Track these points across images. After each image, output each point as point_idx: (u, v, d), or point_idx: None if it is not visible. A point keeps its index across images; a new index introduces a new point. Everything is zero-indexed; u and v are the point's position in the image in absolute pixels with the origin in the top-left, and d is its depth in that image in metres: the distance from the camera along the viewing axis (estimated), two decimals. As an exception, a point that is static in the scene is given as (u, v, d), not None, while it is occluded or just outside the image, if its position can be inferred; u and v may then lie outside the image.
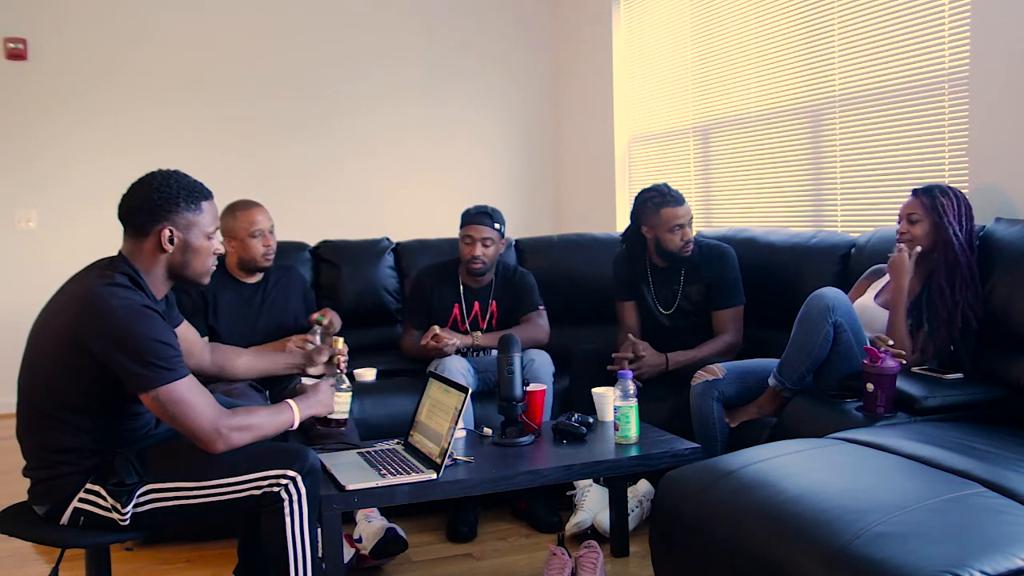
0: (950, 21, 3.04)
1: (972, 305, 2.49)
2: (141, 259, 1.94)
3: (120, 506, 1.85)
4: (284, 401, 2.07)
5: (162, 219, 1.92)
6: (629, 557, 2.64)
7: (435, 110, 5.58)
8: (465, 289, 3.22)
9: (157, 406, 1.83)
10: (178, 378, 1.83)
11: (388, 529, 2.58)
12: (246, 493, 1.90)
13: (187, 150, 5.02)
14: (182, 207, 1.93)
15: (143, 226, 1.92)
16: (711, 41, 4.39)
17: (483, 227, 3.11)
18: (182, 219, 1.93)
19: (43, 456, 1.91)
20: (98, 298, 1.82)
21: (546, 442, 2.45)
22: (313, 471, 1.95)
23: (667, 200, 3.10)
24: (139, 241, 1.94)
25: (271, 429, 1.99)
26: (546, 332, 3.19)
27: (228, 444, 1.88)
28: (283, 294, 3.03)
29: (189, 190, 1.95)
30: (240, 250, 2.90)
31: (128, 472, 1.86)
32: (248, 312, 2.93)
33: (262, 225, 2.89)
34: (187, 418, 1.84)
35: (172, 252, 1.94)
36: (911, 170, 3.24)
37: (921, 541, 1.49)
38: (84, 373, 1.83)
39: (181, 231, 1.93)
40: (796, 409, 2.52)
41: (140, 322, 1.81)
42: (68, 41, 4.85)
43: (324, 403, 2.17)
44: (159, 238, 1.92)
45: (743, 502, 1.79)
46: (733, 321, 3.15)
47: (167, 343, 1.84)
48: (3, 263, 4.83)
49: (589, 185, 5.51)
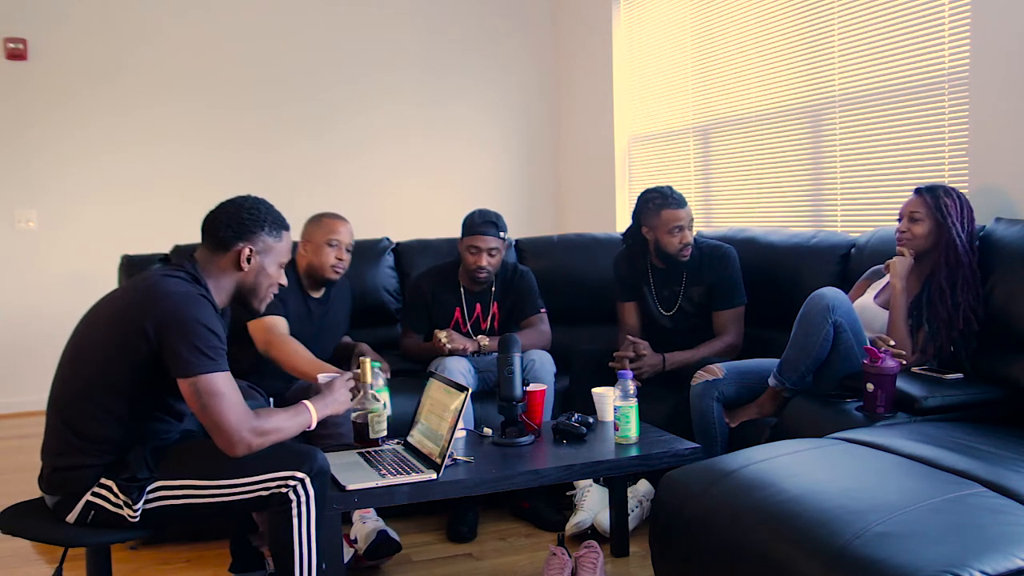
0: (950, 21, 3.04)
1: (973, 307, 2.48)
2: (212, 269, 2.01)
3: (131, 502, 1.86)
4: (300, 403, 2.08)
5: (246, 238, 2.00)
6: (629, 557, 2.64)
7: (435, 110, 5.58)
8: (466, 292, 3.19)
9: (193, 393, 1.84)
10: (219, 370, 1.86)
11: (379, 532, 2.57)
12: (255, 494, 1.90)
13: (187, 150, 5.02)
14: (266, 231, 2.03)
15: (226, 240, 2.00)
16: (711, 41, 4.39)
17: (489, 237, 3.05)
18: (263, 242, 2.03)
19: (69, 442, 1.91)
20: (157, 283, 1.89)
21: (546, 442, 2.45)
22: (322, 473, 1.95)
23: (668, 202, 3.09)
24: (217, 254, 2.01)
25: (292, 431, 2.00)
26: (549, 338, 3.18)
27: (247, 448, 1.88)
28: (337, 310, 3.07)
29: (275, 218, 2.07)
30: (312, 255, 2.90)
31: (140, 468, 1.88)
32: (310, 326, 2.92)
33: (341, 237, 2.90)
34: (218, 411, 1.84)
35: (247, 272, 2.02)
36: (911, 170, 3.24)
37: (921, 541, 1.49)
38: (131, 353, 1.86)
39: (260, 253, 2.02)
40: (796, 409, 2.52)
41: (194, 307, 1.87)
42: (68, 41, 4.85)
43: (340, 402, 2.19)
44: (238, 256, 2.00)
45: (743, 502, 1.79)
46: (734, 322, 3.15)
47: (215, 332, 1.88)
48: (3, 263, 4.83)
49: (589, 185, 5.51)
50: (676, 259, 3.12)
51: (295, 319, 2.86)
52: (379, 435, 2.39)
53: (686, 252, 3.12)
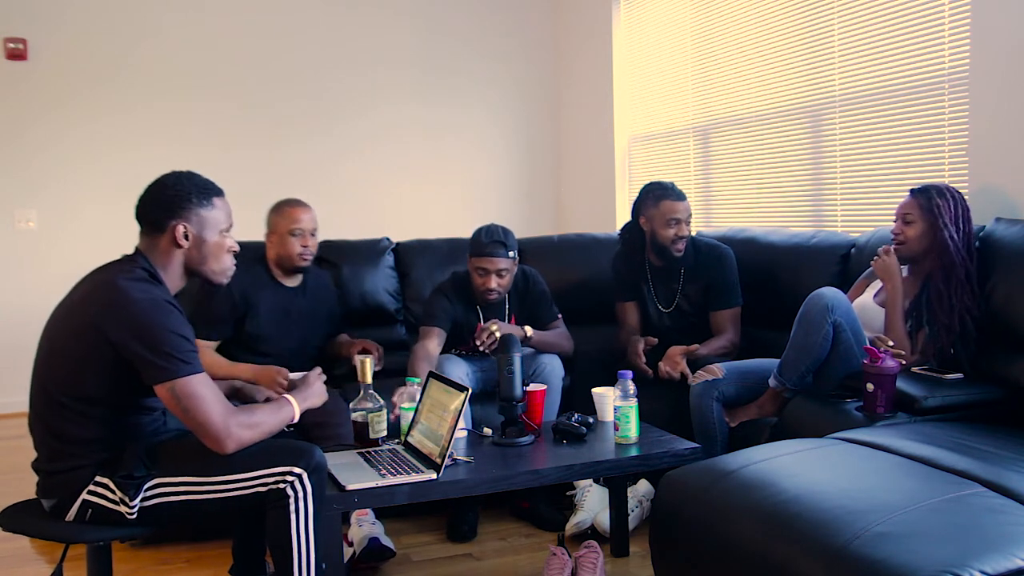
0: (950, 21, 3.04)
1: (970, 309, 2.48)
2: (157, 256, 1.99)
3: (128, 499, 1.86)
4: (282, 396, 2.10)
5: (175, 215, 1.98)
6: (629, 557, 2.64)
7: (435, 110, 5.58)
8: (482, 308, 3.09)
9: (171, 398, 1.84)
10: (193, 372, 1.86)
11: (371, 539, 2.56)
12: (253, 490, 1.91)
13: (187, 150, 5.01)
14: (194, 203, 2.00)
15: (157, 223, 1.98)
16: (711, 41, 4.38)
17: (498, 259, 2.94)
18: (195, 215, 2.00)
19: (55, 447, 1.92)
20: (120, 290, 1.87)
21: (546, 442, 2.45)
22: (319, 468, 1.95)
23: (668, 194, 3.14)
24: (155, 238, 1.99)
25: (275, 425, 2.00)
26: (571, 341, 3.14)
27: (238, 442, 1.89)
28: (318, 300, 3.06)
29: (201, 187, 2.03)
30: (279, 246, 2.92)
31: (137, 465, 1.88)
32: (288, 317, 2.94)
33: (304, 225, 2.91)
34: (200, 412, 1.85)
35: (188, 248, 1.99)
36: (911, 170, 3.24)
37: (921, 541, 1.49)
38: (102, 364, 1.86)
39: (195, 227, 1.99)
40: (796, 409, 2.52)
41: (160, 314, 1.86)
42: (68, 41, 4.85)
43: (319, 393, 2.19)
44: (173, 234, 1.97)
45: (743, 502, 1.80)
46: (731, 322, 3.15)
47: (185, 336, 1.88)
48: (3, 263, 4.83)
49: (589, 185, 5.51)
50: (670, 252, 3.13)
51: (270, 312, 2.89)
52: (379, 435, 2.39)
53: (680, 246, 3.12)
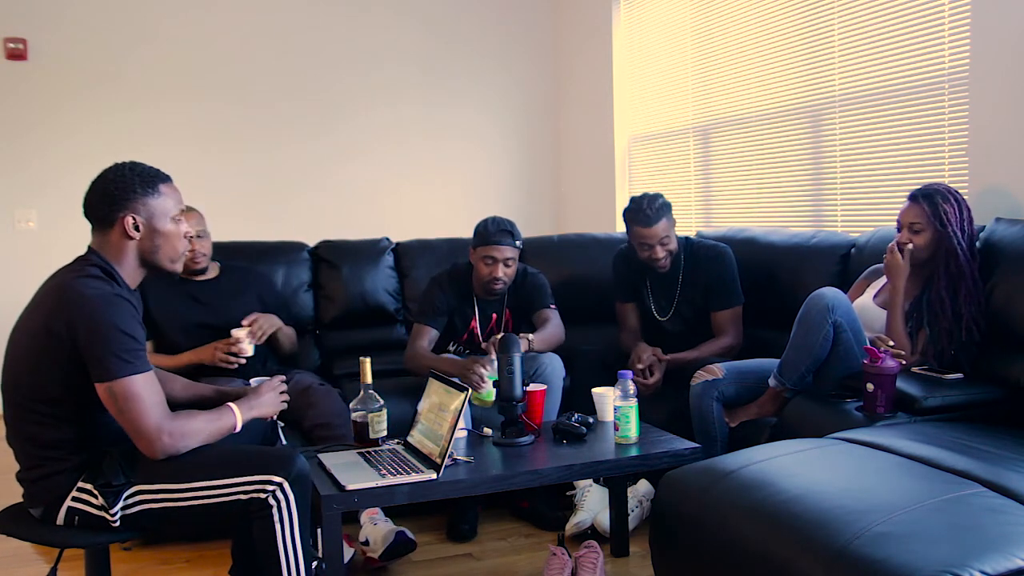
0: (950, 21, 3.04)
1: (975, 318, 2.46)
2: (110, 250, 1.96)
3: (108, 506, 1.85)
4: (225, 404, 2.04)
5: (122, 207, 1.94)
6: (629, 557, 2.64)
7: (435, 110, 5.58)
8: (479, 301, 3.10)
9: (109, 397, 1.82)
10: (135, 372, 1.82)
11: (398, 532, 2.56)
12: (232, 497, 1.89)
13: (187, 150, 5.01)
14: (139, 193, 1.96)
15: (106, 217, 1.95)
16: (711, 41, 4.38)
17: (505, 247, 2.94)
18: (142, 205, 1.96)
19: (32, 454, 1.91)
20: (70, 288, 1.85)
21: (546, 442, 2.45)
22: (301, 477, 1.92)
23: (637, 218, 3.05)
24: (105, 233, 1.96)
25: (213, 433, 1.95)
26: (563, 331, 3.07)
27: (170, 448, 1.85)
28: (233, 292, 3.05)
29: (145, 176, 1.98)
30: None
31: (116, 473, 1.86)
32: (198, 307, 2.97)
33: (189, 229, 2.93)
34: (133, 414, 1.81)
35: (140, 239, 1.96)
36: (911, 170, 3.24)
37: (921, 541, 1.49)
38: (58, 363, 1.84)
39: (144, 217, 1.96)
40: (796, 409, 2.52)
41: (109, 310, 1.83)
42: (68, 41, 4.85)
43: (267, 404, 2.12)
44: (123, 227, 1.94)
45: (743, 502, 1.79)
46: (732, 322, 3.14)
47: (131, 335, 1.84)
48: (3, 263, 4.82)
49: (589, 185, 5.51)
50: (655, 269, 3.12)
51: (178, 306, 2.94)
52: (379, 435, 2.39)
53: (663, 263, 3.09)
